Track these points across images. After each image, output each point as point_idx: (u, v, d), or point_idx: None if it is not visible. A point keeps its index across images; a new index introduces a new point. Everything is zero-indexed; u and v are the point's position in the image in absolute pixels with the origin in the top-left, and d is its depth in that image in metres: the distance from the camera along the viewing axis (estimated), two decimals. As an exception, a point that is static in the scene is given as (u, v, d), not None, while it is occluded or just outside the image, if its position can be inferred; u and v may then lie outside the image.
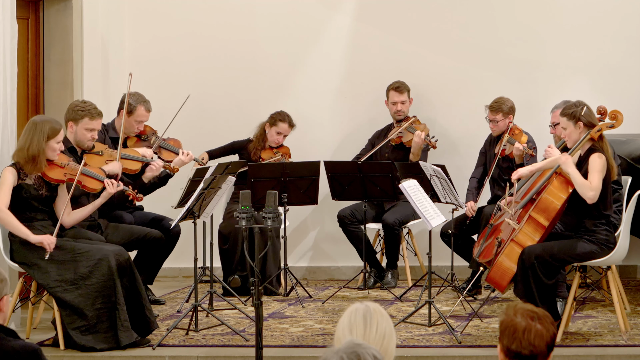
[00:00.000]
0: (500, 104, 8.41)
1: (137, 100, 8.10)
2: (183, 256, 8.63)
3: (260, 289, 5.93)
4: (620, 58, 9.26)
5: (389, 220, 8.64)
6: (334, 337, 3.55)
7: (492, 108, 8.43)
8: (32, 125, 6.79)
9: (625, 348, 6.63)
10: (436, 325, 7.19)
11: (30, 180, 6.80)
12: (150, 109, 8.16)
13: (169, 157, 8.23)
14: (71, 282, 6.66)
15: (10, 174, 6.75)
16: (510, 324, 3.57)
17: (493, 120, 8.42)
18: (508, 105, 8.41)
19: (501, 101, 8.43)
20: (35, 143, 6.72)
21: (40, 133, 6.73)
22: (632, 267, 9.24)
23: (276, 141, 8.87)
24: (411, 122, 8.88)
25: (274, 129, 8.85)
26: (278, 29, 9.59)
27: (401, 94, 8.96)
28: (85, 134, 7.28)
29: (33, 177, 6.81)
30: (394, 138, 8.87)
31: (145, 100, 8.14)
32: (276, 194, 6.16)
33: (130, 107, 7.99)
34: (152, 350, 6.71)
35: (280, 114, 8.87)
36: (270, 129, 8.86)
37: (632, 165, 8.16)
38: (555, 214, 6.68)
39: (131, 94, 8.10)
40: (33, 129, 6.76)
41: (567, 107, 6.83)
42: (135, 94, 8.16)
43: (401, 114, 8.97)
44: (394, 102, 8.97)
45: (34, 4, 8.63)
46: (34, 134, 6.74)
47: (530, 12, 9.36)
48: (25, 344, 3.99)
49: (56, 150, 6.82)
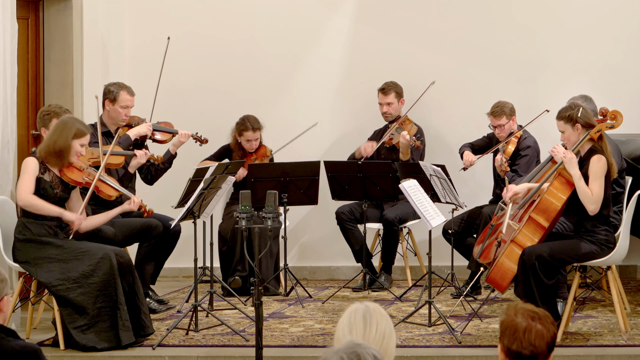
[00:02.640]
0: (502, 107, 8.37)
1: (119, 87, 8.09)
2: (183, 256, 8.63)
3: (260, 289, 5.93)
4: (621, 58, 9.26)
5: (389, 216, 8.63)
6: (334, 337, 3.54)
7: (494, 113, 8.37)
8: (62, 124, 6.88)
9: (625, 348, 6.63)
10: (436, 325, 7.19)
11: (48, 177, 6.82)
12: (133, 93, 8.11)
13: (164, 138, 8.26)
14: (74, 280, 6.67)
15: (33, 163, 6.80)
16: (510, 324, 3.57)
17: (498, 126, 8.38)
18: (508, 107, 8.38)
19: (501, 105, 8.38)
20: (63, 139, 6.78)
21: (69, 130, 6.80)
22: (632, 267, 9.24)
23: (250, 148, 8.83)
24: (400, 122, 8.87)
25: (242, 139, 8.81)
26: (278, 29, 9.59)
27: (386, 95, 8.93)
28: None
29: (51, 175, 6.83)
30: (387, 140, 8.88)
31: (125, 85, 8.13)
32: (276, 194, 6.16)
33: (113, 95, 8.00)
34: (152, 350, 6.71)
35: (242, 124, 8.76)
36: (240, 139, 8.83)
37: (632, 165, 8.16)
38: (556, 214, 6.68)
39: (111, 83, 8.14)
40: (63, 126, 6.84)
41: (563, 109, 6.83)
42: (116, 82, 8.16)
43: (388, 115, 8.95)
44: (380, 103, 8.97)
45: (34, 4, 8.63)
46: (62, 130, 6.82)
47: (530, 12, 9.36)
48: (25, 344, 3.99)
49: (78, 152, 6.85)
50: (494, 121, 8.39)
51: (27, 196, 6.73)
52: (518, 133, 8.38)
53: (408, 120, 8.91)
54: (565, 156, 6.65)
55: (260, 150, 8.89)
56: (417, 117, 8.98)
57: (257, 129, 8.77)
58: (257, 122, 8.77)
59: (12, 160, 7.56)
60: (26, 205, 6.75)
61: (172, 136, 8.27)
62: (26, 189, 6.73)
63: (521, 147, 8.37)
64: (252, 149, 8.83)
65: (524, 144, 8.37)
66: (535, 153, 8.39)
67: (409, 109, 8.93)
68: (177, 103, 9.22)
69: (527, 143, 8.37)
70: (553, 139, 7.99)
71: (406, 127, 8.83)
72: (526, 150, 8.35)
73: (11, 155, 7.53)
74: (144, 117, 8.31)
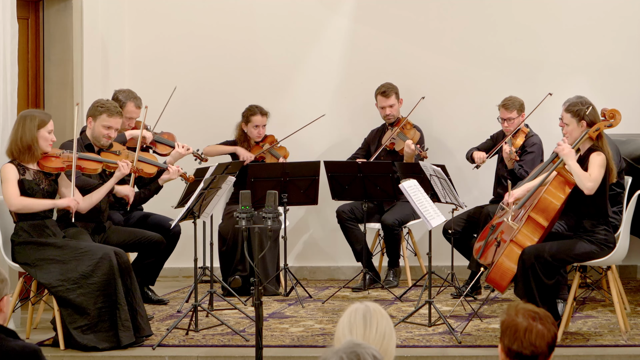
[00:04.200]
0: (514, 100, 8.46)
1: (127, 97, 8.11)
2: (183, 256, 8.63)
3: (260, 289, 5.93)
4: (620, 58, 9.26)
5: (388, 222, 8.64)
6: (334, 337, 3.54)
7: (505, 106, 8.44)
8: (21, 119, 6.86)
9: (625, 348, 6.62)
10: (436, 325, 7.19)
11: (30, 176, 6.82)
12: (140, 106, 8.16)
13: (165, 151, 8.27)
14: (74, 281, 6.66)
15: (11, 169, 6.79)
16: (511, 324, 3.57)
17: (508, 119, 8.42)
18: (519, 102, 8.47)
19: (513, 98, 8.48)
20: (27, 132, 6.78)
21: (30, 123, 6.79)
22: (632, 267, 9.24)
23: (257, 135, 8.87)
24: (402, 127, 8.85)
25: (250, 126, 8.85)
26: (278, 29, 9.59)
27: (388, 97, 8.93)
28: (102, 131, 7.39)
29: (32, 173, 6.83)
30: (388, 144, 8.87)
31: (135, 96, 8.15)
32: (276, 194, 6.16)
33: (120, 104, 8.01)
34: (152, 350, 6.71)
35: (249, 110, 8.88)
36: (247, 127, 8.86)
37: (632, 165, 8.16)
38: (555, 214, 6.68)
39: (121, 90, 8.15)
40: (22, 121, 6.83)
41: (573, 104, 6.80)
42: (126, 90, 8.17)
43: (391, 118, 8.95)
44: (382, 106, 8.95)
45: (34, 4, 8.63)
46: (24, 125, 6.80)
47: (530, 12, 9.36)
48: (25, 344, 3.98)
49: (48, 140, 6.86)
50: (504, 113, 8.43)
51: (16, 200, 6.74)
52: (526, 129, 8.45)
53: (409, 125, 8.89)
54: (564, 149, 6.63)
55: (267, 138, 8.92)
56: (417, 117, 8.97)
57: (265, 114, 8.85)
58: (264, 109, 8.85)
59: (12, 160, 7.55)
60: (19, 209, 6.76)
61: (172, 149, 8.24)
62: (12, 194, 6.74)
63: (528, 144, 8.43)
64: (259, 136, 8.86)
65: (531, 140, 8.46)
66: (540, 151, 8.44)
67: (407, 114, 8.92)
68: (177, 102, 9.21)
69: (534, 140, 8.47)
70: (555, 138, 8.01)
71: (408, 133, 8.81)
72: (532, 147, 8.41)
73: (11, 155, 7.52)
74: (148, 125, 8.29)
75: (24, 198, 6.76)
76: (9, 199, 6.75)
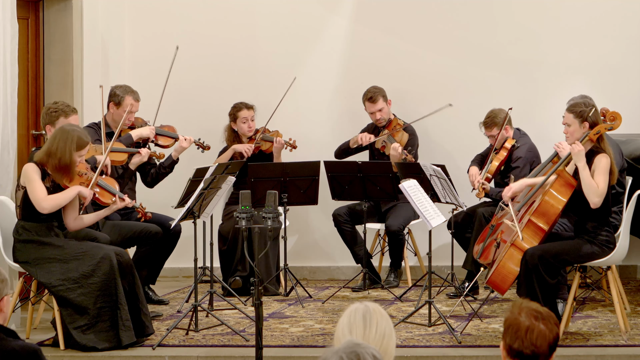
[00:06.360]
0: (493, 118, 8.31)
1: (125, 91, 8.11)
2: (183, 256, 8.63)
3: (260, 289, 5.93)
4: (620, 58, 9.26)
5: (393, 228, 8.60)
6: (334, 337, 3.54)
7: (486, 124, 8.36)
8: (64, 134, 6.71)
9: (625, 348, 6.63)
10: (436, 325, 7.19)
11: (48, 183, 6.78)
12: (138, 99, 8.15)
13: (167, 143, 8.29)
14: (74, 280, 6.66)
15: (35, 169, 6.72)
16: (514, 322, 3.56)
17: (490, 136, 8.38)
18: (501, 117, 8.29)
19: (493, 115, 8.33)
20: (67, 153, 6.68)
21: (71, 142, 6.69)
22: (632, 267, 9.24)
23: (248, 129, 8.85)
24: (392, 129, 8.83)
25: (239, 122, 8.84)
26: (278, 28, 9.59)
27: (375, 102, 8.88)
28: None
29: (49, 181, 6.79)
30: (380, 147, 8.86)
31: (132, 90, 8.15)
32: (276, 194, 6.16)
33: (118, 99, 8.02)
34: (152, 350, 6.71)
35: (234, 107, 8.88)
36: (237, 124, 8.85)
37: (632, 165, 8.16)
38: (556, 217, 6.66)
39: (118, 86, 8.15)
40: (65, 138, 6.69)
41: (576, 104, 6.78)
42: (123, 85, 8.17)
43: (382, 121, 8.91)
44: (371, 112, 8.91)
45: (34, 4, 8.63)
46: (65, 142, 6.68)
47: (530, 12, 9.36)
48: (25, 344, 3.98)
49: (77, 163, 6.80)
50: (486, 131, 8.38)
51: (46, 202, 6.67)
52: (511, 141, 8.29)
53: (398, 126, 8.84)
54: (574, 148, 6.59)
55: (257, 131, 8.87)
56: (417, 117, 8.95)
57: (250, 107, 8.86)
58: (249, 103, 8.88)
59: (12, 160, 7.55)
60: (53, 208, 6.70)
61: (174, 141, 8.29)
62: (41, 196, 6.68)
63: (513, 159, 8.32)
64: (250, 129, 8.84)
65: (515, 154, 8.32)
66: (527, 161, 8.28)
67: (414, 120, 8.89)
68: (177, 102, 9.21)
69: (519, 154, 8.30)
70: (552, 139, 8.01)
71: (396, 135, 8.78)
72: (517, 161, 8.28)
73: (11, 156, 7.52)
74: (147, 120, 8.31)
75: (50, 197, 6.71)
76: (39, 201, 6.66)
